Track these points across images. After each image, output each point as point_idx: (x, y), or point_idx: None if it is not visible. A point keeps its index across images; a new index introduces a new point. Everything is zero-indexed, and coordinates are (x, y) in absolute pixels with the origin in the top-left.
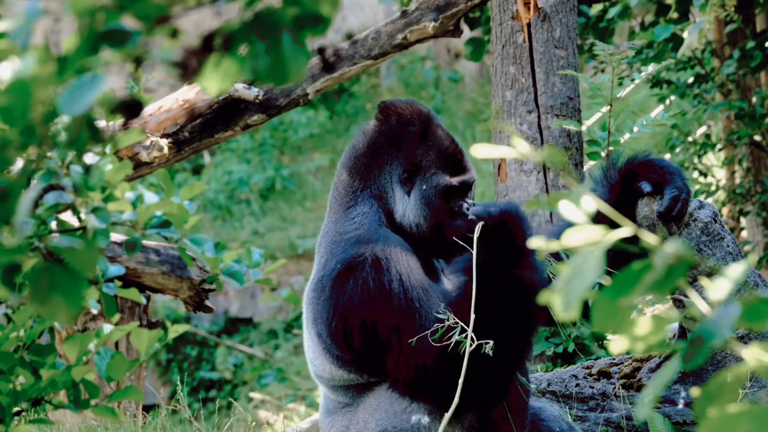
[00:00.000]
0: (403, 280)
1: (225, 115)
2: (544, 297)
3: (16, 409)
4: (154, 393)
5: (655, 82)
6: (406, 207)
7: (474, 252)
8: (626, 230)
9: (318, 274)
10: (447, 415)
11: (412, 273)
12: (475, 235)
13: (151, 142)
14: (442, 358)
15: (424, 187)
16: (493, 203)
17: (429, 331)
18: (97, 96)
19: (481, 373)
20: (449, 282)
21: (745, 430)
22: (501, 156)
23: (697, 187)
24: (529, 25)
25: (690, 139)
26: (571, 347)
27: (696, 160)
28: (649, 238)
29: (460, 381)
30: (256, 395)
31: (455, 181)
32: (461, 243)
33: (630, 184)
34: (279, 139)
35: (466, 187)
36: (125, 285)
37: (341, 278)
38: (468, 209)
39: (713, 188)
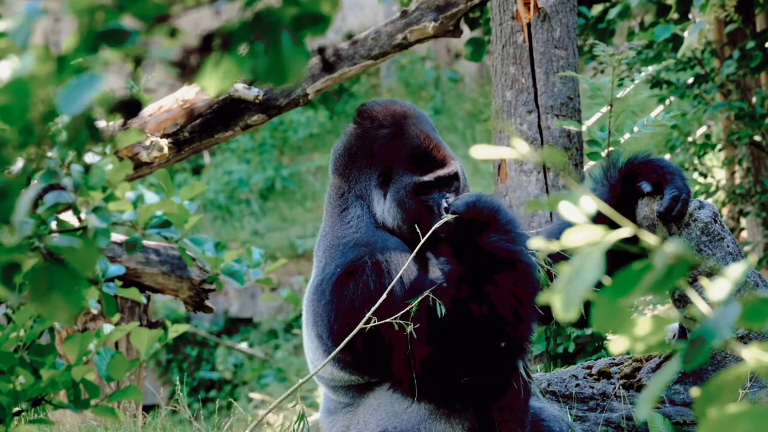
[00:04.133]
0: (404, 282)
1: (225, 115)
2: (543, 297)
3: (16, 409)
4: (154, 393)
5: (655, 82)
6: (384, 210)
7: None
8: (626, 230)
9: (317, 278)
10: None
11: (413, 274)
12: (446, 218)
13: (151, 142)
14: (440, 344)
15: (396, 188)
16: (471, 195)
17: (432, 325)
18: (95, 95)
19: (480, 353)
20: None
21: (745, 430)
22: (501, 157)
23: (697, 187)
24: (529, 25)
25: (690, 139)
26: (572, 347)
27: (696, 160)
28: (649, 238)
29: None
30: (256, 395)
31: (427, 178)
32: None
33: (630, 184)
34: (279, 139)
35: (441, 182)
36: (125, 285)
37: (342, 282)
38: (447, 203)
39: (713, 188)
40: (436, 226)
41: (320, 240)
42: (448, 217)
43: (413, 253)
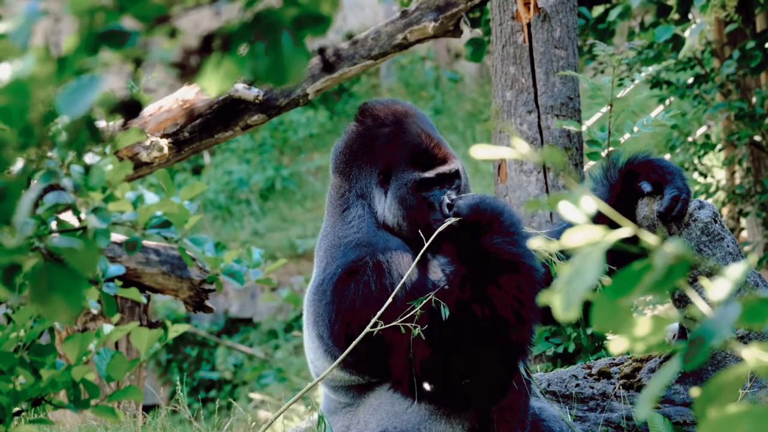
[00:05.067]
0: (405, 282)
1: (225, 115)
2: (544, 297)
3: (16, 409)
4: (154, 393)
5: (655, 82)
6: (385, 208)
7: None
8: (626, 230)
9: (318, 278)
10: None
11: (414, 275)
12: (447, 222)
13: (151, 142)
14: (441, 345)
15: (397, 185)
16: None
17: (424, 319)
18: (96, 97)
19: (482, 354)
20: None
21: (745, 430)
22: (501, 156)
23: (697, 187)
24: (529, 25)
25: (690, 139)
26: (572, 347)
27: (696, 160)
28: (649, 238)
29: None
30: (256, 395)
31: (428, 174)
32: (444, 234)
33: (630, 184)
34: (279, 139)
35: (442, 179)
36: (125, 285)
37: (343, 282)
38: (450, 201)
39: (713, 189)
40: (440, 229)
41: (321, 240)
42: (451, 220)
43: (418, 256)
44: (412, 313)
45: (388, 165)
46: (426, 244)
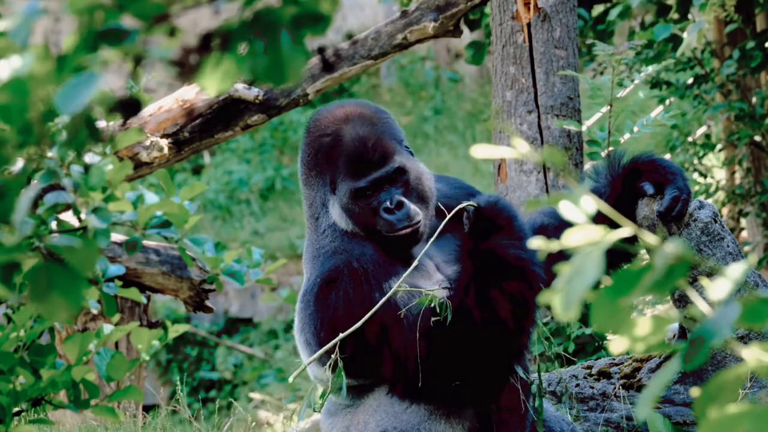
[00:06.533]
0: (383, 286)
1: (225, 115)
2: (544, 297)
3: (16, 409)
4: (154, 393)
5: (655, 82)
6: (338, 216)
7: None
8: (626, 230)
9: (303, 288)
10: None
11: (392, 277)
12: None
13: (151, 142)
14: (435, 347)
15: (340, 196)
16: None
17: (417, 321)
18: (93, 94)
19: (477, 358)
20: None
21: (745, 430)
22: (501, 156)
23: (697, 187)
24: (529, 25)
25: (690, 139)
26: (572, 347)
27: (696, 160)
28: (649, 238)
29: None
30: (256, 395)
31: (361, 183)
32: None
33: (632, 182)
34: (279, 139)
35: (380, 183)
36: (125, 285)
37: (322, 292)
38: (392, 204)
39: (713, 188)
40: (455, 210)
41: (305, 250)
42: (465, 204)
43: (415, 261)
44: (404, 314)
45: (332, 175)
46: (426, 247)
